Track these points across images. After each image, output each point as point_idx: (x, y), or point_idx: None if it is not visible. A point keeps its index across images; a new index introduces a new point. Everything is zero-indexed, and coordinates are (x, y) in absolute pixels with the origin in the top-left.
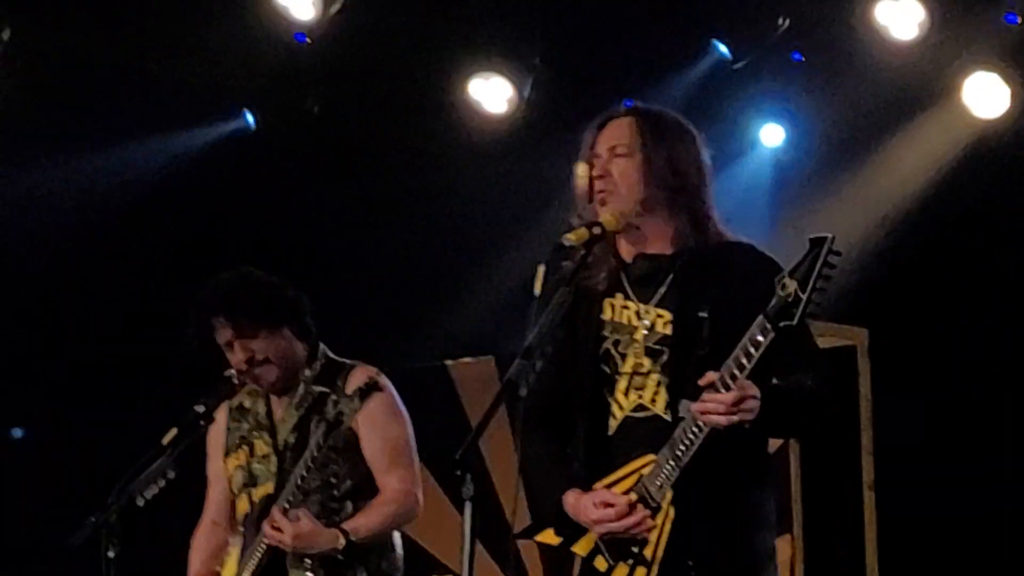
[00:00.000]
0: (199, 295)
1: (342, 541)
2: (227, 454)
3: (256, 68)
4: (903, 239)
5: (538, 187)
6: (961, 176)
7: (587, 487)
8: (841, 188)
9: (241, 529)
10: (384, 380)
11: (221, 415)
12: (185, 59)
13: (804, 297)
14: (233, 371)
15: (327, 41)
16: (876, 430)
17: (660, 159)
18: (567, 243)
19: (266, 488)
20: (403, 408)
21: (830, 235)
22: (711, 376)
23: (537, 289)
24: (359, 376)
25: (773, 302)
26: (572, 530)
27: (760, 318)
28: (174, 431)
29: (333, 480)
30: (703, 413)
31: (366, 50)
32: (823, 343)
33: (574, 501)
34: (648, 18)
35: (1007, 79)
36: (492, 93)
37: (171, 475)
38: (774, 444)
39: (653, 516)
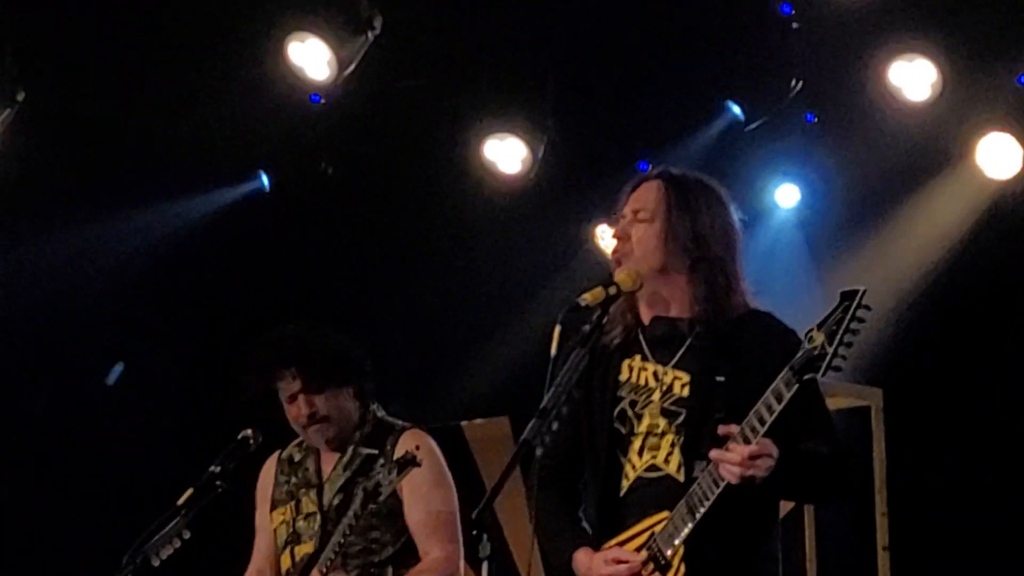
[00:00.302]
0: (265, 343)
1: None
2: (274, 507)
3: (271, 129)
4: (919, 300)
5: (553, 247)
6: (976, 238)
7: (598, 547)
8: (858, 250)
9: None
10: (429, 445)
11: (271, 465)
12: (201, 121)
13: (831, 350)
14: (249, 432)
15: (342, 102)
16: (891, 492)
17: (682, 226)
18: (583, 303)
19: (308, 547)
20: (449, 476)
21: (862, 288)
22: (732, 428)
23: (553, 349)
24: (406, 442)
25: (799, 355)
26: None
27: (785, 371)
28: (190, 491)
29: (375, 546)
30: (719, 460)
31: (381, 111)
32: (837, 403)
33: (585, 559)
34: (662, 80)
35: (1021, 140)
36: (507, 153)
37: (186, 536)
38: (787, 506)
39: (663, 574)
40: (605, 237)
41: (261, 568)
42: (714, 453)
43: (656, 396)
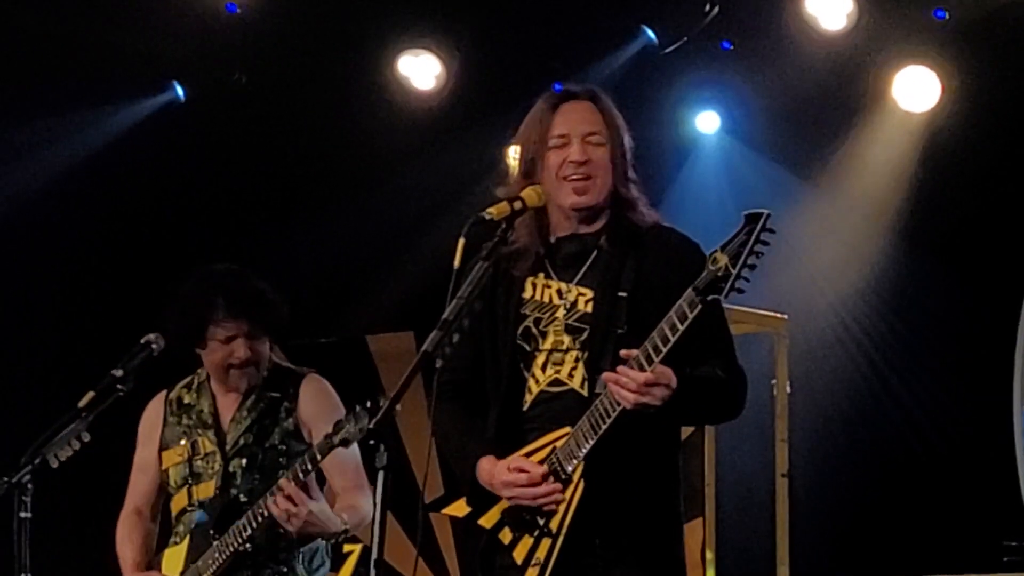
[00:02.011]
0: (210, 285)
1: (343, 527)
2: (165, 448)
3: (186, 39)
4: (831, 231)
5: (463, 164)
6: (896, 168)
7: (500, 458)
8: (780, 177)
9: (180, 528)
10: (328, 388)
11: (158, 406)
12: (115, 31)
13: (734, 272)
14: (152, 336)
15: (258, 11)
16: (791, 419)
17: (622, 149)
18: (487, 216)
19: (208, 487)
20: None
21: (766, 212)
22: (631, 352)
23: (456, 262)
24: (309, 387)
25: (703, 275)
26: (481, 501)
27: (688, 292)
28: (91, 395)
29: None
30: (614, 383)
31: (296, 21)
32: (741, 329)
33: (488, 466)
34: (578, 0)
35: (938, 73)
36: (421, 69)
37: (86, 438)
38: (687, 430)
39: (563, 488)
40: (517, 157)
41: (139, 507)
42: (607, 376)
43: (560, 313)
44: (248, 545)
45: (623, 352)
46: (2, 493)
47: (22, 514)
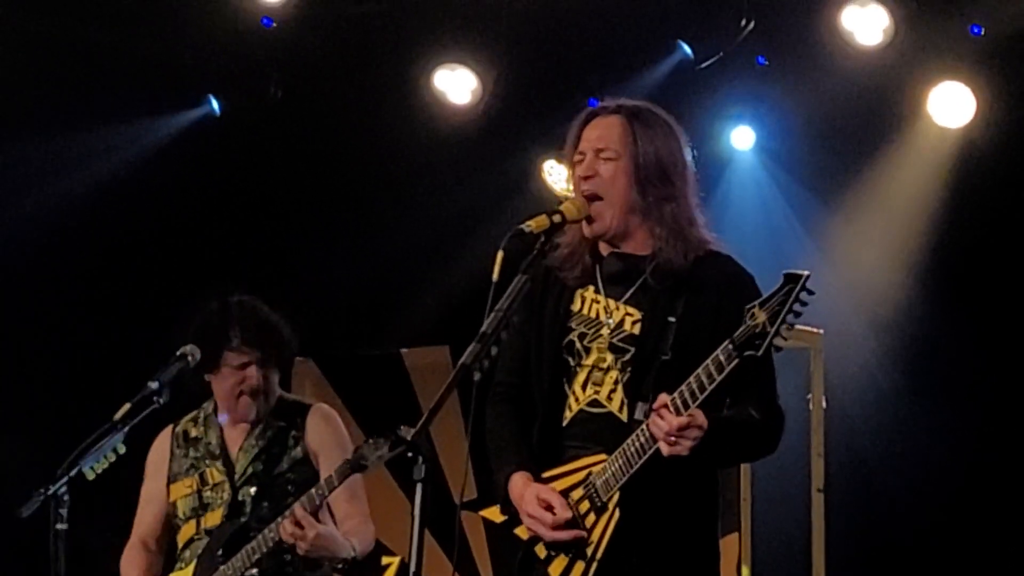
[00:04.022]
0: (223, 314)
1: (352, 553)
2: (173, 480)
3: (222, 53)
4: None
5: (499, 178)
6: (931, 183)
7: (536, 473)
8: (817, 194)
9: (186, 555)
10: (335, 417)
11: (164, 439)
12: (151, 44)
13: (771, 331)
14: (187, 348)
15: (293, 26)
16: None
17: (649, 162)
18: (527, 229)
19: (216, 516)
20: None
21: (806, 273)
22: (664, 398)
23: (495, 275)
24: (317, 416)
25: (741, 330)
26: (516, 511)
27: (726, 344)
28: (127, 407)
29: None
30: (654, 423)
31: (332, 35)
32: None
33: (520, 486)
34: (613, 16)
35: (973, 89)
36: (457, 84)
37: (121, 450)
38: None
39: (598, 516)
40: (552, 172)
41: (145, 539)
42: (652, 419)
43: (605, 331)
44: (255, 570)
45: (657, 403)
46: (38, 505)
47: (58, 526)
